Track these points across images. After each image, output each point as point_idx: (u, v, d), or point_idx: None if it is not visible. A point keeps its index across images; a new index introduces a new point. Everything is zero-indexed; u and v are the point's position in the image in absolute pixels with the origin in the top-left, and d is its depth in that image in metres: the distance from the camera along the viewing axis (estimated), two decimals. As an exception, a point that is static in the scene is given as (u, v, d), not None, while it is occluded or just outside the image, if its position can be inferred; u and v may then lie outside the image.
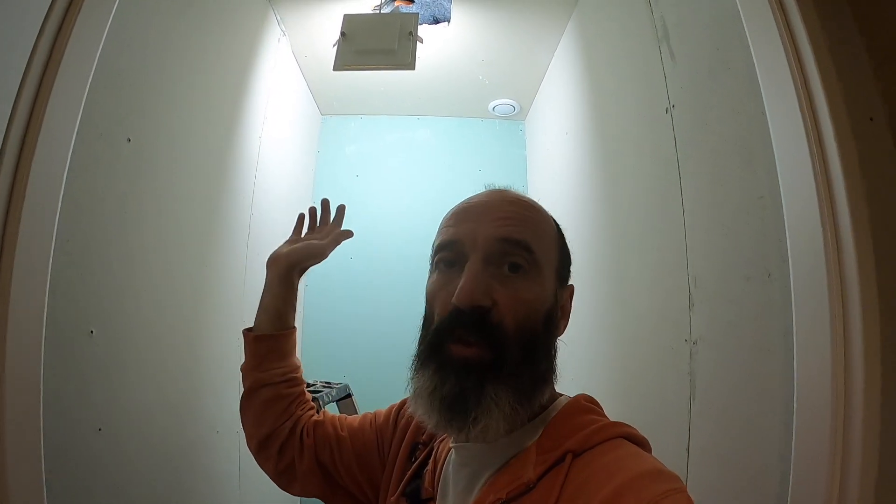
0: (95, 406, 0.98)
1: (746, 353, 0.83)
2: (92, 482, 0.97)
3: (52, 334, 0.86)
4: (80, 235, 0.94)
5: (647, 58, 1.18)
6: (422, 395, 0.58)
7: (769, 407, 0.75)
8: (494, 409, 0.54)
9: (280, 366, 0.86)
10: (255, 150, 1.89)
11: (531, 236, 0.60)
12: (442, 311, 0.59)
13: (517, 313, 0.57)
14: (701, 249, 0.98)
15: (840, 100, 0.67)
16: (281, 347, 0.87)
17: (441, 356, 0.57)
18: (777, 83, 0.73)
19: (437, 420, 0.56)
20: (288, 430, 0.83)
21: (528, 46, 2.15)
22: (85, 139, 0.93)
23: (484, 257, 0.59)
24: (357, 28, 1.70)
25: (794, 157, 0.71)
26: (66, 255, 0.91)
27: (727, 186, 0.90)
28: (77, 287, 0.94)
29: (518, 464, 0.56)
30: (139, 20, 1.10)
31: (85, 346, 0.96)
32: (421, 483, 0.66)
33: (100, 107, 0.97)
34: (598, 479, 0.50)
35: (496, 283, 0.58)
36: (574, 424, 0.58)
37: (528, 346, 0.58)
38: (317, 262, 0.94)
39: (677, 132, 1.06)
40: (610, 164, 1.46)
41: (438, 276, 0.62)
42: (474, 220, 0.61)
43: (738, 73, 0.86)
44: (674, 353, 1.03)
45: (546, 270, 0.62)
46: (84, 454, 0.95)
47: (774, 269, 0.78)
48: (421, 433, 0.74)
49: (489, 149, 2.79)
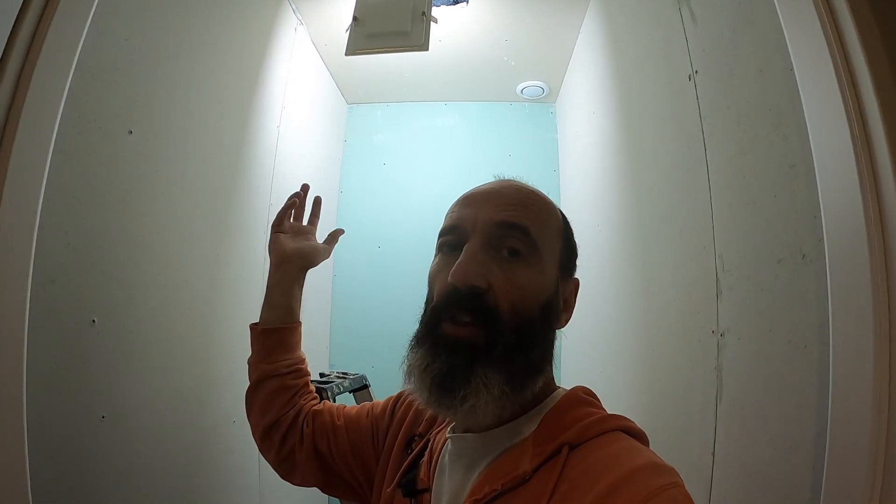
0: (99, 393, 0.98)
1: (778, 347, 0.72)
2: (97, 468, 0.97)
3: (53, 324, 0.88)
4: (81, 227, 0.94)
5: (669, 23, 1.06)
6: (414, 372, 0.58)
7: (801, 412, 0.65)
8: (483, 389, 0.54)
9: (286, 358, 0.89)
10: (273, 141, 1.87)
11: (531, 222, 0.60)
12: (440, 291, 0.60)
13: (513, 298, 0.57)
14: (728, 230, 0.86)
15: (879, 43, 0.56)
16: (287, 340, 0.90)
17: (435, 335, 0.58)
18: (804, 31, 0.62)
19: (427, 397, 0.57)
20: (290, 420, 0.85)
21: (553, 25, 2.03)
22: (83, 132, 0.94)
23: (483, 240, 0.59)
24: (369, 11, 1.64)
25: (826, 116, 0.60)
26: (66, 246, 0.91)
27: (755, 156, 0.79)
28: (79, 277, 0.94)
29: (514, 455, 0.55)
30: (140, 13, 1.09)
31: (87, 335, 0.96)
32: (417, 474, 0.66)
33: (98, 100, 0.97)
34: (595, 473, 0.49)
35: (494, 266, 0.58)
36: (571, 417, 0.57)
37: (523, 332, 0.57)
38: (322, 261, 1.00)
39: (701, 100, 0.95)
40: (634, 141, 1.34)
41: (440, 258, 0.63)
42: (476, 206, 0.62)
43: (762, 28, 0.74)
44: (700, 346, 0.93)
45: (546, 258, 0.61)
46: (88, 441, 0.95)
47: (809, 249, 0.67)
48: (418, 425, 0.74)
49: (519, 133, 2.68)
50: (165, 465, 1.18)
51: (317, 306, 2.46)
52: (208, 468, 1.39)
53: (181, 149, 1.26)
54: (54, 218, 0.87)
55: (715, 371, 0.86)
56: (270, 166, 1.84)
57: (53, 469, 0.86)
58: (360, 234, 2.67)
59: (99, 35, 0.95)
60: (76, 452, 0.92)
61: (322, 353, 2.51)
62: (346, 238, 2.77)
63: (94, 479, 0.96)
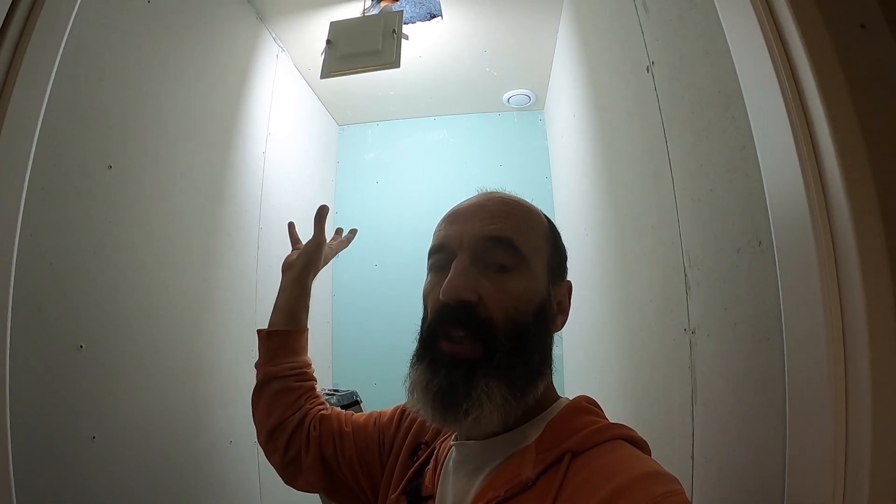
0: (88, 415, 1.01)
1: (743, 342, 0.67)
2: (87, 487, 0.99)
3: (41, 349, 0.93)
4: (63, 257, 0.98)
5: (626, 16, 1.04)
6: (416, 390, 0.59)
7: (769, 410, 0.60)
8: (486, 400, 0.55)
9: (291, 361, 0.90)
10: (260, 166, 1.88)
11: (515, 233, 0.61)
12: (433, 309, 0.61)
13: (505, 307, 0.58)
14: (692, 222, 0.83)
15: (813, 10, 0.52)
16: (292, 344, 0.92)
17: (433, 351, 0.59)
18: (734, 5, 0.59)
19: (432, 413, 0.57)
20: (296, 423, 0.85)
21: (529, 31, 2.03)
22: (62, 169, 0.98)
23: (470, 256, 0.60)
24: (342, 34, 1.65)
25: (761, 89, 0.57)
26: (52, 276, 0.95)
27: (709, 143, 0.75)
28: (63, 305, 0.98)
29: (517, 462, 0.56)
30: (115, 50, 1.12)
31: (75, 360, 1.00)
32: (422, 481, 0.67)
33: (76, 137, 1.01)
34: (596, 480, 0.50)
35: (483, 279, 0.59)
36: (574, 425, 0.58)
37: (519, 339, 0.58)
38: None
39: (659, 92, 0.92)
40: (608, 141, 1.32)
41: (431, 277, 0.65)
42: (461, 223, 0.63)
43: (704, 7, 0.71)
44: (674, 345, 0.88)
45: (535, 265, 0.62)
46: (79, 460, 0.98)
47: (765, 235, 0.63)
48: (424, 434, 0.75)
49: (509, 142, 2.67)
50: (158, 485, 1.20)
51: (318, 327, 2.45)
52: (205, 488, 1.39)
53: (162, 180, 1.29)
54: (39, 250, 0.91)
55: (689, 370, 0.82)
56: (258, 191, 1.85)
57: (41, 487, 0.89)
58: (356, 253, 2.65)
59: (74, 73, 0.99)
60: (65, 472, 0.95)
61: (325, 373, 2.50)
62: (344, 258, 2.77)
63: (84, 499, 0.98)
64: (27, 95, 0.78)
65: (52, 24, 0.83)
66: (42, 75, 0.81)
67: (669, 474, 0.50)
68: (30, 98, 0.79)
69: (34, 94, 0.80)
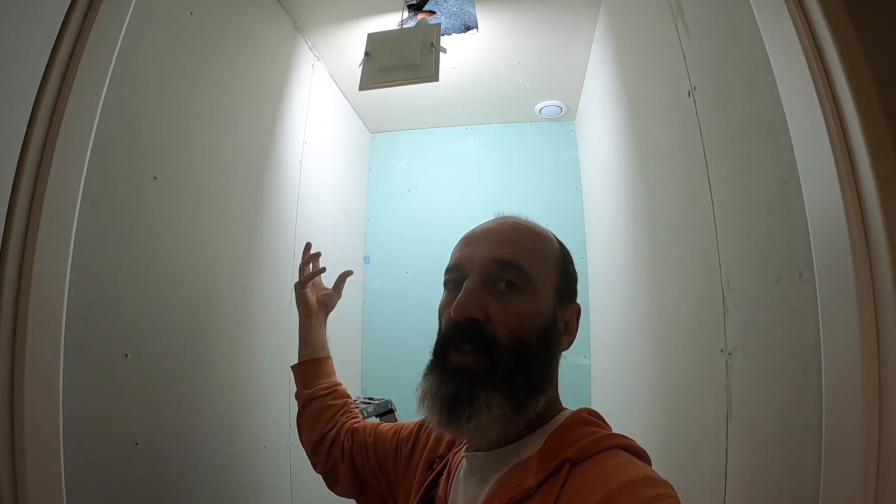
0: (132, 422, 1.05)
1: (780, 367, 0.70)
2: (132, 492, 1.03)
3: (88, 358, 0.95)
4: (110, 267, 1.01)
5: (666, 37, 1.07)
6: (427, 397, 0.64)
7: (805, 434, 0.63)
8: (485, 410, 0.59)
9: (323, 382, 1.06)
10: (296, 175, 1.94)
11: (524, 257, 0.66)
12: (445, 325, 0.68)
13: (510, 325, 0.63)
14: (731, 247, 0.85)
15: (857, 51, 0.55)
16: (322, 369, 1.08)
17: (443, 363, 0.64)
18: (783, 43, 0.62)
19: (438, 419, 0.62)
20: (333, 436, 0.99)
21: (563, 43, 2.05)
22: (109, 181, 1.01)
23: (480, 276, 0.65)
24: (380, 46, 1.70)
25: (808, 130, 0.59)
26: (99, 286, 0.98)
27: (751, 172, 0.78)
28: (110, 315, 1.01)
29: (520, 471, 0.61)
30: (159, 63, 1.16)
31: (120, 369, 1.03)
32: (436, 492, 0.72)
33: (123, 149, 1.05)
34: (593, 485, 0.53)
35: (492, 298, 0.64)
36: (574, 435, 0.62)
37: (521, 356, 0.62)
38: (336, 303, 1.24)
39: (700, 117, 0.94)
40: (644, 159, 1.34)
41: (446, 294, 0.71)
42: (474, 245, 0.69)
43: (750, 41, 0.74)
44: (711, 365, 0.91)
45: (542, 288, 0.67)
46: (123, 466, 1.01)
47: (805, 266, 0.65)
48: (439, 448, 0.81)
49: (540, 153, 2.69)
50: (198, 488, 1.23)
51: (348, 334, 2.50)
52: (240, 491, 1.43)
53: (204, 190, 1.33)
54: (86, 260, 0.94)
55: (725, 390, 0.84)
56: (294, 200, 1.91)
57: (90, 492, 0.92)
58: (387, 260, 2.72)
59: (120, 87, 1.02)
60: (112, 477, 0.98)
61: (354, 380, 2.55)
62: (374, 266, 2.83)
63: (129, 501, 1.02)
64: (81, 109, 0.81)
65: (104, 40, 0.86)
66: (95, 89, 0.85)
67: (663, 480, 0.53)
68: (84, 111, 0.82)
69: (88, 107, 0.83)
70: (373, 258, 2.75)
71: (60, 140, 0.77)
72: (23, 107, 0.70)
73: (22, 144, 0.69)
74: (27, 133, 0.69)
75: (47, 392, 0.72)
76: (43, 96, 0.74)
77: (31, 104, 0.73)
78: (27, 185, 0.69)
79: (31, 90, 0.71)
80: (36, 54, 0.73)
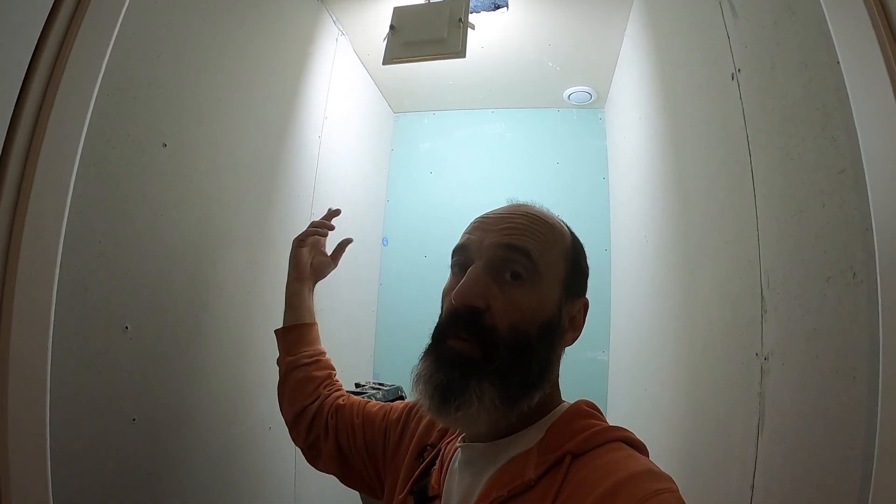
0: (129, 397, 1.01)
1: (824, 376, 0.64)
2: (125, 469, 1.00)
3: (86, 329, 0.91)
4: (114, 237, 0.97)
5: (709, 18, 0.99)
6: (420, 381, 0.62)
7: (847, 451, 0.57)
8: (475, 401, 0.58)
9: (306, 349, 1.02)
10: (315, 150, 1.90)
11: (533, 246, 0.63)
12: (446, 310, 0.66)
13: (511, 318, 0.61)
14: (774, 242, 0.78)
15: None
16: (307, 336, 1.04)
17: (439, 348, 0.63)
18: (849, 17, 0.55)
19: (429, 405, 0.61)
20: (315, 410, 0.95)
21: (596, 27, 1.96)
22: (115, 144, 0.97)
23: (486, 262, 0.63)
24: (406, 20, 1.64)
25: (877, 115, 0.52)
26: (99, 255, 0.95)
27: (801, 161, 0.71)
28: (111, 285, 0.97)
29: (520, 463, 0.59)
30: (174, 28, 1.12)
31: (119, 341, 0.99)
32: (428, 482, 0.70)
33: (131, 114, 1.00)
34: (594, 479, 0.52)
35: (495, 287, 0.62)
36: (574, 428, 0.61)
37: (520, 350, 0.60)
38: (330, 272, 1.18)
39: (745, 101, 0.87)
40: (679, 147, 1.26)
41: (451, 277, 0.68)
42: (483, 230, 0.66)
43: (804, 17, 0.67)
44: (744, 369, 0.84)
45: (548, 280, 0.64)
46: (118, 442, 0.98)
47: (860, 266, 0.59)
48: (430, 436, 0.78)
49: (567, 140, 2.60)
50: (196, 468, 1.21)
51: (362, 316, 2.47)
52: (242, 472, 1.41)
53: (217, 160, 1.29)
54: (87, 228, 0.91)
55: (758, 397, 0.78)
56: (312, 175, 1.87)
57: (79, 468, 0.89)
58: (406, 243, 2.67)
59: (131, 51, 0.98)
60: (103, 452, 0.95)
61: (367, 364, 2.52)
62: (392, 248, 2.78)
63: (123, 479, 0.99)
64: (82, 69, 0.77)
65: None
66: (98, 49, 0.80)
67: (665, 473, 0.52)
68: (84, 71, 0.77)
69: (89, 67, 0.78)
70: (391, 240, 2.70)
71: (59, 98, 0.72)
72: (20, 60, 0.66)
73: (17, 97, 0.65)
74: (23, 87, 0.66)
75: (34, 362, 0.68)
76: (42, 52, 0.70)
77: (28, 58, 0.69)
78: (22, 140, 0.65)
79: (29, 43, 0.67)
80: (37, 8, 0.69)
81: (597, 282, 2.31)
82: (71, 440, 0.87)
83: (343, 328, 2.21)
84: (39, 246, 0.71)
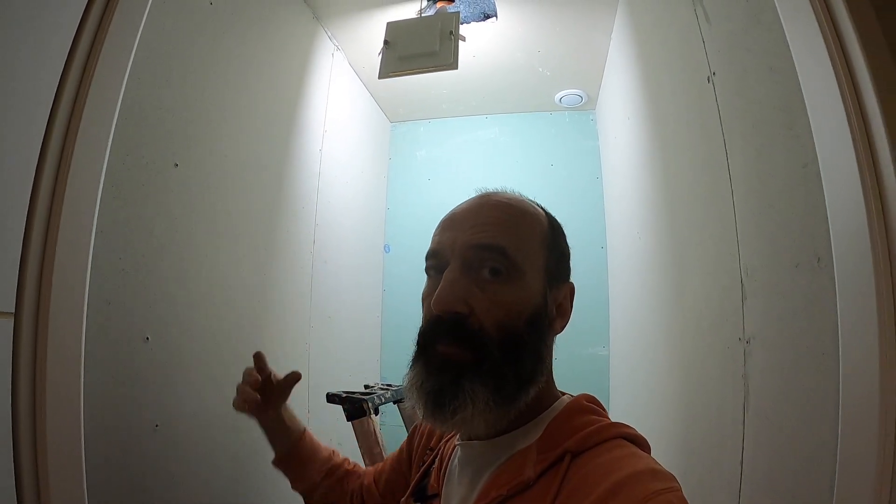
0: (152, 404, 1.07)
1: (799, 355, 0.69)
2: (150, 472, 1.05)
3: (108, 341, 0.97)
4: (133, 253, 1.04)
5: (686, 23, 1.05)
6: (411, 389, 0.61)
7: (821, 424, 0.62)
8: (470, 404, 0.56)
9: (313, 468, 0.94)
10: (316, 164, 1.96)
11: (507, 240, 0.61)
12: (426, 318, 0.63)
13: (496, 317, 0.59)
14: (751, 234, 0.84)
15: (877, 36, 0.54)
16: (304, 454, 0.95)
17: (427, 354, 0.61)
18: (802, 27, 0.61)
19: (424, 412, 0.59)
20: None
21: (583, 31, 2.03)
22: (131, 168, 1.04)
23: (461, 264, 0.60)
24: (399, 34, 1.70)
25: (827, 113, 0.58)
26: (120, 271, 1.01)
27: (772, 158, 0.77)
28: (132, 299, 1.03)
29: (519, 462, 0.58)
30: (179, 53, 1.18)
31: (141, 352, 1.05)
32: (428, 481, 0.70)
33: (144, 137, 1.07)
34: (595, 478, 0.51)
35: (476, 288, 0.59)
36: (574, 425, 0.59)
37: (510, 347, 0.59)
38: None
39: (720, 103, 0.93)
40: (664, 146, 1.32)
41: (428, 282, 0.65)
42: (454, 229, 0.63)
43: (770, 26, 0.72)
44: (729, 353, 0.90)
45: (529, 271, 0.61)
46: (142, 447, 1.04)
47: (824, 253, 0.64)
48: (431, 440, 0.78)
49: (560, 142, 2.67)
50: (215, 472, 1.26)
51: (368, 321, 2.53)
52: (258, 476, 1.46)
53: (225, 177, 1.35)
54: (108, 245, 0.97)
55: (742, 379, 0.84)
56: (314, 188, 1.93)
57: (109, 472, 0.95)
58: (407, 249, 2.73)
59: (142, 76, 1.05)
60: (128, 458, 1.00)
61: (373, 367, 2.58)
62: (394, 254, 2.83)
63: (147, 482, 1.05)
64: (102, 99, 0.82)
65: (124, 30, 0.86)
66: (116, 79, 0.85)
67: (667, 472, 0.51)
68: (105, 101, 0.82)
69: (109, 97, 0.83)
70: (393, 247, 2.77)
71: (82, 129, 0.78)
72: (45, 97, 0.72)
73: (44, 133, 0.70)
74: (49, 122, 0.71)
75: (69, 375, 0.74)
76: (64, 87, 0.75)
77: (52, 95, 0.74)
78: (49, 174, 0.71)
79: (52, 81, 0.73)
80: (57, 46, 0.75)
81: (594, 279, 2.38)
82: (102, 447, 0.92)
83: (350, 332, 2.27)
84: (71, 266, 0.76)
